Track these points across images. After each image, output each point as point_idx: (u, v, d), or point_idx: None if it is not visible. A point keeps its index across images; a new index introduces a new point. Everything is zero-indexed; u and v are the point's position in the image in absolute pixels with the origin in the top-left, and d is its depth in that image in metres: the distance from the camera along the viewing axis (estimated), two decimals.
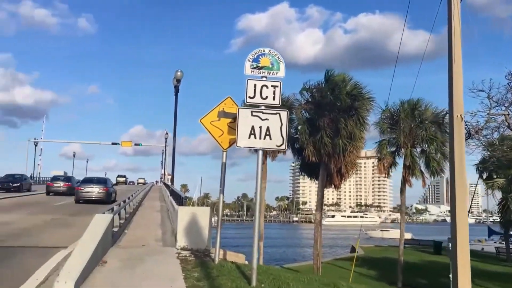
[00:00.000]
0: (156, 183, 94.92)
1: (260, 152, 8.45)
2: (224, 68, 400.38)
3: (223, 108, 10.78)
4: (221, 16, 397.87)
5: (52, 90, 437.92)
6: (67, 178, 41.52)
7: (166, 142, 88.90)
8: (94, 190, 29.91)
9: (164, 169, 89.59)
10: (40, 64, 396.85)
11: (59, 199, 32.13)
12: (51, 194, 36.26)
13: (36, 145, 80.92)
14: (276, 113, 8.49)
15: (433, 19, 11.44)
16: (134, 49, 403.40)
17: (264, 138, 8.42)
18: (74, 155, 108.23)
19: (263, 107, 8.48)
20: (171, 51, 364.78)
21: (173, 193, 24.13)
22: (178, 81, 26.61)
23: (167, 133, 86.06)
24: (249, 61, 8.54)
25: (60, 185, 37.53)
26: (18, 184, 37.85)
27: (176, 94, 27.28)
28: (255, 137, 8.41)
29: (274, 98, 8.47)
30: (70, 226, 16.61)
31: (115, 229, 14.47)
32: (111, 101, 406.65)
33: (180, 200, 15.43)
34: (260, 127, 8.42)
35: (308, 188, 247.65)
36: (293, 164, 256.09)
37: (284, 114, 8.51)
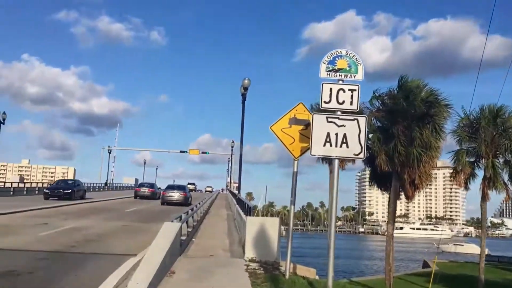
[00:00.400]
0: (222, 191, 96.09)
1: (337, 162, 7.85)
2: (289, 77, 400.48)
3: (295, 115, 10.31)
4: (287, 26, 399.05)
5: (125, 100, 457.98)
6: (150, 185, 48.14)
7: (232, 150, 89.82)
8: (175, 195, 36.16)
9: (230, 177, 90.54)
10: (115, 75, 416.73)
11: (131, 205, 32.99)
12: (138, 197, 43.03)
13: (110, 153, 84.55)
14: (353, 119, 7.86)
15: None
16: (202, 60, 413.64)
17: (341, 146, 7.81)
18: (144, 163, 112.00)
19: (339, 113, 7.88)
20: (238, 60, 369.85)
21: (240, 202, 23.90)
22: (246, 89, 26.50)
23: (233, 142, 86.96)
24: (324, 63, 7.99)
25: (145, 190, 44.46)
26: (70, 191, 35.15)
27: (243, 102, 27.20)
28: (330, 145, 7.82)
29: (351, 103, 7.86)
30: (139, 233, 16.74)
31: (183, 238, 14.32)
32: (180, 110, 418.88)
33: (248, 210, 15.07)
34: (336, 134, 7.82)
35: (375, 198, 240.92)
36: (359, 174, 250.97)
37: (362, 120, 7.86)
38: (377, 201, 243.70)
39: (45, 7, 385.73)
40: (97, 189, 66.34)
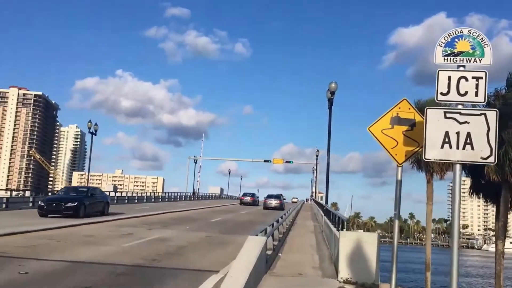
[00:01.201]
0: (306, 201, 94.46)
1: (458, 168, 6.28)
2: (375, 84, 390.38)
3: (397, 114, 8.79)
4: (373, 32, 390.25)
5: (211, 111, 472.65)
6: (252, 194, 61.28)
7: (317, 159, 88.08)
8: (273, 202, 48.67)
9: (316, 186, 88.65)
10: (202, 88, 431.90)
11: (216, 215, 32.63)
12: (242, 204, 54.99)
13: (195, 163, 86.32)
14: (480, 114, 6.28)
15: None
16: (285, 69, 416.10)
17: (463, 148, 6.26)
18: (229, 172, 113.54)
19: (460, 106, 6.34)
20: (322, 69, 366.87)
21: (328, 213, 22.43)
22: (332, 93, 25.08)
23: (317, 150, 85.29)
24: (440, 46, 6.50)
25: (248, 198, 57.80)
26: (75, 205, 24.00)
27: (330, 108, 25.77)
28: (450, 147, 6.30)
29: (476, 94, 6.28)
30: (223, 246, 15.89)
31: (269, 253, 13.21)
32: (264, 120, 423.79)
33: (341, 223, 13.63)
34: (457, 133, 6.28)
35: (469, 210, 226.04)
36: (451, 184, 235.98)
37: (492, 114, 6.26)
38: (471, 213, 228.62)
39: (137, 24, 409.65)
40: (183, 198, 67.67)
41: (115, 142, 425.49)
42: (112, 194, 47.42)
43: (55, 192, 47.33)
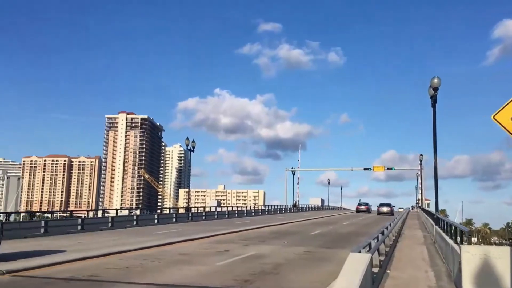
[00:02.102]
0: (412, 209, 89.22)
1: None
2: (479, 83, 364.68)
3: None
4: (473, 26, 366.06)
5: (308, 122, 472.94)
6: (366, 203, 68.53)
7: (421, 165, 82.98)
8: (385, 209, 57.96)
9: (421, 193, 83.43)
10: (297, 100, 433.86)
11: (315, 227, 31.24)
12: (358, 212, 64.16)
13: (293, 174, 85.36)
14: None
15: None
16: (380, 74, 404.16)
17: None
18: (328, 182, 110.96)
19: None
20: (420, 72, 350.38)
21: (439, 222, 20.14)
22: (435, 89, 22.70)
23: (421, 155, 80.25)
24: None
25: (363, 207, 66.04)
26: None
27: (433, 106, 23.36)
28: None
29: None
30: (323, 262, 14.55)
31: (375, 270, 11.67)
32: (361, 128, 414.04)
33: (459, 234, 11.69)
34: None
35: None
36: None
37: None
38: None
39: (231, 43, 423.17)
40: (283, 211, 66.91)
41: (217, 159, 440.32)
42: (217, 209, 47.99)
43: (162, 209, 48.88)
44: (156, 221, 34.44)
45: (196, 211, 53.14)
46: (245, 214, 52.15)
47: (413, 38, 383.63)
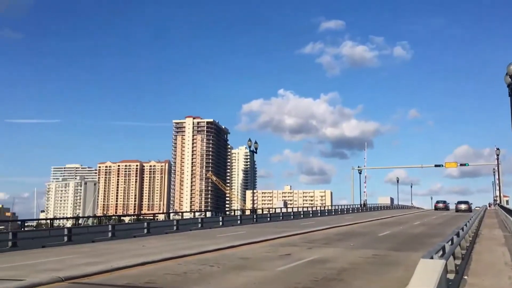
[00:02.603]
0: (489, 206, 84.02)
1: None
2: None
3: None
4: None
5: (374, 120, 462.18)
6: (444, 201, 70.72)
7: (497, 159, 78.02)
8: (463, 206, 60.19)
9: (499, 189, 78.37)
10: (362, 97, 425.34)
11: (384, 228, 29.83)
12: (436, 210, 66.82)
13: (360, 173, 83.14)
14: None
15: None
16: (450, 66, 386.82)
17: None
18: (397, 181, 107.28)
19: None
20: (493, 62, 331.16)
21: None
22: None
23: (497, 149, 75.43)
24: None
25: (441, 205, 68.29)
26: None
27: (510, 95, 21.38)
28: None
29: None
30: (392, 267, 13.50)
31: (450, 276, 10.60)
32: (431, 123, 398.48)
33: None
34: None
35: None
36: None
37: None
38: None
39: (293, 43, 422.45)
40: (350, 211, 65.18)
41: (283, 159, 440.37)
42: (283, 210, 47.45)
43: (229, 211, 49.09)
44: (220, 223, 34.44)
45: (261, 212, 52.94)
46: (311, 215, 51.19)
47: (485, 27, 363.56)
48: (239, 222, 36.92)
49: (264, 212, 50.53)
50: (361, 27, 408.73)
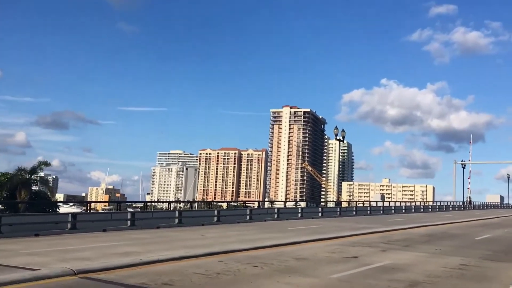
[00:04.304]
0: None
1: None
2: None
3: None
4: None
5: (487, 112, 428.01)
6: None
7: None
8: None
9: None
10: (474, 87, 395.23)
11: (485, 230, 25.81)
12: None
13: (463, 168, 76.07)
14: None
15: None
16: None
17: None
18: (508, 177, 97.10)
19: None
20: None
21: None
22: None
23: None
24: None
25: None
26: None
27: None
28: None
29: None
30: (480, 284, 10.59)
31: None
32: None
33: None
34: None
35: None
36: None
37: None
38: None
39: (399, 30, 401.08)
40: (450, 209, 59.57)
41: (383, 151, 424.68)
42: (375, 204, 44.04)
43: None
44: (299, 215, 32.37)
45: (354, 205, 49.92)
46: (403, 211, 47.19)
47: None
48: (320, 214, 34.53)
49: (352, 205, 47.40)
50: (475, 11, 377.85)
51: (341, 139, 41.93)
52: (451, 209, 59.22)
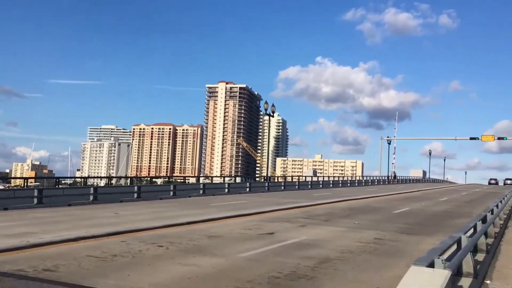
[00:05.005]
0: None
1: None
2: None
3: None
4: None
5: (414, 91, 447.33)
6: (495, 179, 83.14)
7: None
8: (509, 182, 73.01)
9: None
10: (403, 67, 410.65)
11: (403, 204, 26.44)
12: (490, 184, 77.26)
13: (389, 144, 78.73)
14: None
15: None
16: (497, 38, 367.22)
17: None
18: (430, 153, 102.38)
19: None
20: None
21: None
22: None
23: None
24: None
25: (493, 181, 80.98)
26: None
27: None
28: None
29: None
30: (391, 259, 10.35)
31: (464, 283, 7.50)
32: (474, 95, 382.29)
33: None
34: None
35: None
36: None
37: None
38: None
39: (334, 9, 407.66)
40: (376, 183, 61.54)
41: (317, 128, 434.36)
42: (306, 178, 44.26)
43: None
44: (226, 190, 31.72)
45: (285, 180, 50.08)
46: (331, 185, 47.99)
47: None
48: (248, 190, 34.12)
49: (280, 181, 47.50)
50: None
51: (271, 114, 41.59)
52: (376, 183, 61.13)
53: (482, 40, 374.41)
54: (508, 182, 76.19)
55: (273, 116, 42.12)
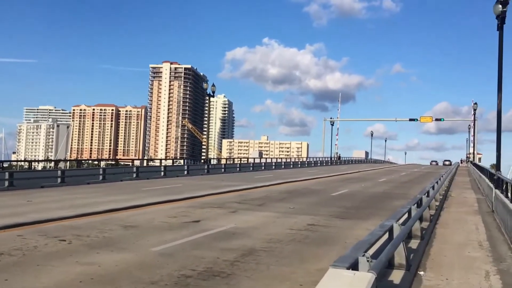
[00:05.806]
0: (461, 163, 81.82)
1: None
2: None
3: None
4: None
5: (359, 73, 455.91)
6: (435, 161, 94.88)
7: (474, 115, 74.87)
8: (447, 163, 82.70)
9: (474, 146, 75.78)
10: (349, 50, 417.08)
11: (342, 186, 26.08)
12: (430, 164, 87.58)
13: (332, 125, 79.44)
14: None
15: None
16: (438, 23, 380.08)
17: None
18: (371, 134, 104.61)
19: None
20: (485, 17, 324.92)
21: (500, 184, 14.68)
22: (504, 3, 16.44)
23: (475, 104, 72.03)
24: None
25: (434, 163, 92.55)
26: None
27: (500, 28, 17.11)
28: None
29: None
30: (320, 248, 9.54)
31: (396, 276, 6.72)
32: (414, 78, 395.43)
33: None
34: None
35: None
36: None
37: None
38: None
39: None
40: (318, 164, 61.78)
41: (264, 110, 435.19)
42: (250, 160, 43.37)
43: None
44: (162, 173, 30.22)
45: (216, 162, 49.05)
46: (273, 167, 47.42)
47: None
48: (186, 172, 32.80)
49: (223, 162, 46.43)
50: None
51: (212, 93, 40.23)
52: (319, 164, 61.39)
53: (423, 24, 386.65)
54: (447, 163, 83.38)
55: (213, 96, 40.79)
